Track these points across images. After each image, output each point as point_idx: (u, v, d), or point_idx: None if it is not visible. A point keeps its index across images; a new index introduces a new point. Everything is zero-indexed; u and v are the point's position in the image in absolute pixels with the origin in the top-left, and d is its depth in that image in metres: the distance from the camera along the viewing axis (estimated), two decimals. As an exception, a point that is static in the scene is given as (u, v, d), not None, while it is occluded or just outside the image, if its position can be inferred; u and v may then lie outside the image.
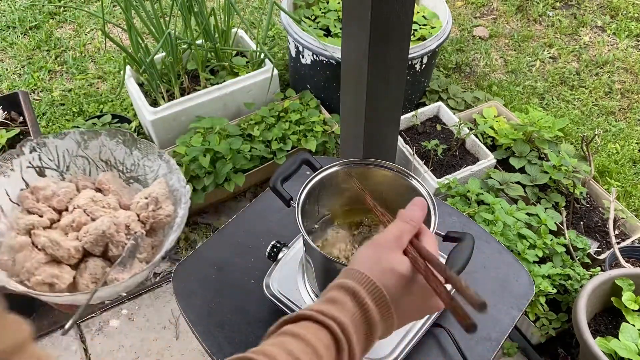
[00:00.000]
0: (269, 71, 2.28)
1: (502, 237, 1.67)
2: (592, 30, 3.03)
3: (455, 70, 2.79)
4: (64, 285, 0.89)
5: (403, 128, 2.28)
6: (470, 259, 0.83)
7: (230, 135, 2.09)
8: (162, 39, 2.06)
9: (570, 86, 2.70)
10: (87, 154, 1.04)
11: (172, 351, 1.77)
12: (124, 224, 0.95)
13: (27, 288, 0.86)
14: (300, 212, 0.86)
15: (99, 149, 1.04)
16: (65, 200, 0.97)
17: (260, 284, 1.02)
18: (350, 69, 1.23)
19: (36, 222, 0.93)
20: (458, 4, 3.21)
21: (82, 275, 0.91)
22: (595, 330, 1.63)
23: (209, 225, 2.13)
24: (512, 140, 2.14)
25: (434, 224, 0.84)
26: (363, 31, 1.09)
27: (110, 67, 2.76)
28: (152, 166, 1.04)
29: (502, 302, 1.04)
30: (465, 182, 1.96)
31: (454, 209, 1.23)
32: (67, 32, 2.99)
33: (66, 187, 0.99)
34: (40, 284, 0.87)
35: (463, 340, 0.97)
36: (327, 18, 2.50)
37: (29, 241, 0.91)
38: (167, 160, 1.02)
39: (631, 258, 1.85)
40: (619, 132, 2.46)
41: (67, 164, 1.03)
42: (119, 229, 0.93)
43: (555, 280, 1.65)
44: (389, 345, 0.91)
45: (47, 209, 0.97)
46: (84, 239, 0.91)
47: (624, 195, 2.19)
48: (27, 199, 0.97)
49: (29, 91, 2.63)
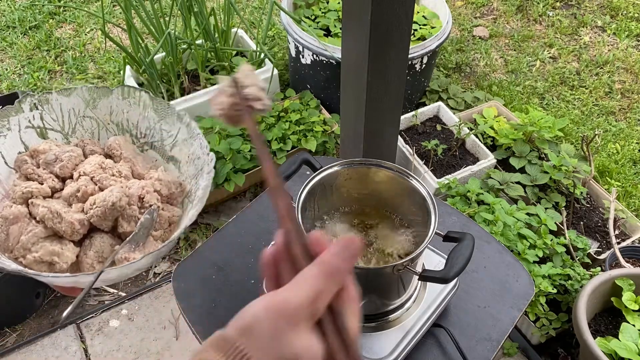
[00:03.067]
0: (269, 71, 2.28)
1: (502, 237, 1.67)
2: (592, 30, 3.03)
3: (455, 70, 2.79)
4: (66, 265, 0.77)
5: (403, 128, 2.28)
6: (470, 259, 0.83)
7: (230, 135, 2.09)
8: (162, 39, 2.06)
9: (571, 86, 2.70)
10: (96, 115, 0.91)
11: (172, 351, 1.77)
12: (137, 196, 0.81)
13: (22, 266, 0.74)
14: (300, 212, 0.86)
15: (109, 109, 0.91)
16: (70, 167, 0.85)
17: (260, 284, 1.02)
18: (350, 69, 1.23)
19: (35, 190, 0.80)
20: (458, 4, 3.21)
21: (86, 254, 0.79)
22: (595, 331, 1.63)
23: (209, 225, 2.13)
24: (512, 140, 2.13)
25: (433, 224, 0.84)
26: (363, 31, 1.09)
27: (110, 67, 2.75)
28: (170, 130, 0.90)
29: (502, 302, 1.04)
30: (465, 182, 1.96)
31: (454, 209, 1.22)
32: (67, 32, 2.99)
33: (71, 152, 0.85)
34: (37, 262, 0.76)
35: (463, 340, 0.97)
36: (327, 18, 2.50)
37: (25, 212, 0.79)
38: (187, 123, 0.89)
39: (631, 258, 1.85)
40: (619, 132, 2.46)
41: (73, 126, 0.90)
42: (131, 201, 0.80)
43: (555, 280, 1.65)
44: (389, 345, 0.91)
45: (49, 175, 0.84)
46: (90, 211, 0.78)
47: (624, 195, 2.19)
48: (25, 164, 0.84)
49: (29, 91, 2.63)
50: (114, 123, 0.92)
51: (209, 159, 0.84)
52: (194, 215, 0.79)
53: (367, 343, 0.91)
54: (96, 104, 0.90)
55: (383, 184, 0.95)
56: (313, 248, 0.48)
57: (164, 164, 0.93)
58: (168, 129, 0.91)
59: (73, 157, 0.85)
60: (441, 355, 0.97)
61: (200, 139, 0.87)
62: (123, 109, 0.91)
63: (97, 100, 0.90)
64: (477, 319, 1.02)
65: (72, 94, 0.89)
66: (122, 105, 0.91)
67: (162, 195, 0.85)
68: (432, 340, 0.98)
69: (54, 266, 0.76)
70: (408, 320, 0.94)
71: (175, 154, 0.92)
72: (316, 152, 2.17)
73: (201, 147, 0.87)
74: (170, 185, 0.87)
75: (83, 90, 0.89)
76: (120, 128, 0.93)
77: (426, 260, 1.00)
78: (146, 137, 0.93)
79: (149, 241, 0.81)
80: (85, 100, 0.90)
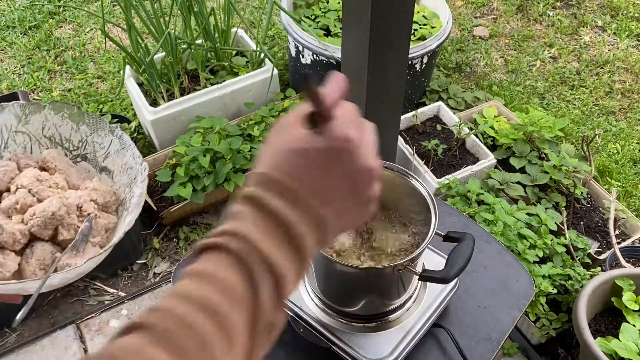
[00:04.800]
0: (268, 71, 2.28)
1: (502, 237, 1.67)
2: (593, 30, 3.03)
3: (456, 70, 2.79)
4: (9, 274, 0.79)
5: (403, 128, 2.28)
6: (470, 259, 0.83)
7: (230, 135, 2.08)
8: (162, 39, 2.06)
9: (571, 86, 2.70)
10: (29, 130, 0.92)
11: (172, 351, 1.77)
12: (76, 205, 0.85)
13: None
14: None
15: (42, 124, 0.93)
16: (6, 180, 0.87)
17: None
18: (350, 69, 1.23)
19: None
20: (458, 3, 3.21)
21: (28, 262, 0.82)
22: (595, 331, 1.62)
23: (209, 225, 2.12)
24: (512, 140, 2.13)
25: (434, 224, 0.84)
26: (363, 31, 1.09)
27: (110, 67, 2.75)
28: (102, 143, 0.94)
29: (502, 302, 1.04)
30: (466, 182, 1.96)
31: (454, 209, 1.22)
32: (66, 31, 2.99)
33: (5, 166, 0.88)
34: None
35: (463, 340, 0.97)
36: (327, 18, 2.50)
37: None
38: (119, 135, 0.93)
39: (631, 258, 1.85)
40: (620, 132, 2.46)
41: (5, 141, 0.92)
42: (70, 210, 0.84)
43: (555, 280, 1.65)
44: (389, 345, 0.91)
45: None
46: (30, 221, 0.81)
47: (624, 195, 2.19)
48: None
49: (29, 91, 2.63)
50: (46, 137, 0.95)
51: (142, 168, 0.87)
52: (131, 221, 0.83)
53: (367, 343, 0.91)
54: (28, 120, 0.92)
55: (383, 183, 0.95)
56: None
57: (97, 174, 0.97)
58: (100, 142, 0.94)
59: (8, 171, 0.88)
60: (441, 355, 0.97)
61: (132, 149, 0.91)
62: (55, 123, 0.93)
63: (29, 116, 0.92)
64: (477, 319, 1.02)
65: (4, 111, 0.90)
66: (54, 120, 0.93)
67: (99, 204, 0.89)
68: (432, 340, 0.98)
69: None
70: (408, 320, 0.94)
71: (108, 164, 0.96)
72: (316, 152, 2.17)
73: (134, 157, 0.91)
74: (105, 194, 0.91)
75: (15, 106, 0.91)
76: (53, 142, 0.95)
77: (426, 260, 1.00)
78: (79, 150, 0.96)
79: (89, 247, 0.85)
80: (17, 116, 0.91)
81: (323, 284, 0.93)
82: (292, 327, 0.96)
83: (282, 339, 0.99)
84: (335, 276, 0.90)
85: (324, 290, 0.94)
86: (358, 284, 0.90)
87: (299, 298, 0.98)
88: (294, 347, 0.98)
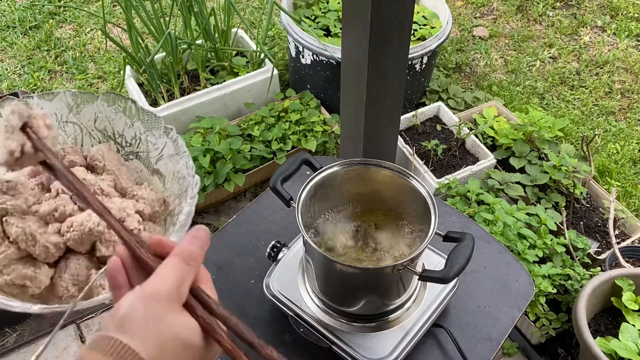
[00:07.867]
0: (269, 71, 2.28)
1: (502, 237, 1.67)
2: (592, 30, 3.03)
3: (455, 70, 2.79)
4: (39, 289, 0.73)
5: (403, 128, 2.28)
6: (470, 259, 0.83)
7: (230, 135, 2.09)
8: (162, 39, 2.06)
9: (571, 86, 2.70)
10: (80, 121, 0.86)
11: (172, 351, 1.77)
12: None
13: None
14: (300, 212, 0.86)
15: (94, 115, 0.87)
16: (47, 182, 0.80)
17: (260, 284, 1.01)
18: (350, 69, 1.23)
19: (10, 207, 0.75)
20: (458, 4, 3.21)
21: (61, 276, 0.75)
22: (595, 330, 1.63)
23: (209, 225, 2.13)
24: (512, 140, 2.14)
25: (434, 224, 0.84)
26: (363, 31, 1.09)
27: (110, 67, 2.75)
28: (156, 143, 0.86)
29: (502, 302, 1.04)
30: (465, 182, 1.96)
31: (454, 209, 1.23)
32: (67, 32, 2.99)
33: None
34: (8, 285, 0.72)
35: (463, 340, 0.97)
36: (327, 18, 2.50)
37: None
38: (174, 138, 0.84)
39: (631, 258, 1.85)
40: (619, 132, 2.46)
41: None
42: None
43: (555, 280, 1.65)
44: (389, 345, 0.91)
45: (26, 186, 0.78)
46: (67, 234, 0.74)
47: (624, 195, 2.19)
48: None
49: (29, 91, 2.63)
50: (98, 130, 0.88)
51: (194, 181, 0.79)
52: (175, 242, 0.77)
53: (367, 343, 0.91)
54: (80, 110, 0.87)
55: (383, 184, 0.95)
56: (157, 249, 0.55)
57: (148, 175, 0.89)
58: (154, 142, 0.87)
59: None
60: (441, 355, 0.97)
61: (186, 157, 0.83)
62: (108, 116, 0.87)
63: (81, 106, 0.87)
64: (477, 319, 1.02)
65: (54, 99, 0.85)
66: (107, 113, 0.87)
67: (145, 215, 0.81)
68: (432, 340, 0.98)
69: (27, 290, 0.73)
70: (408, 320, 0.94)
71: (161, 167, 0.88)
72: (316, 152, 2.17)
73: (187, 166, 0.83)
74: (154, 203, 0.83)
75: (66, 95, 0.85)
76: (105, 135, 0.89)
77: (426, 260, 1.00)
78: (131, 146, 0.89)
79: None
80: (69, 105, 0.86)
81: (323, 284, 0.93)
82: (292, 327, 0.96)
83: (282, 339, 0.99)
84: (335, 276, 0.91)
85: (324, 290, 0.94)
86: (358, 284, 0.90)
87: (299, 298, 0.98)
88: (294, 347, 0.98)
